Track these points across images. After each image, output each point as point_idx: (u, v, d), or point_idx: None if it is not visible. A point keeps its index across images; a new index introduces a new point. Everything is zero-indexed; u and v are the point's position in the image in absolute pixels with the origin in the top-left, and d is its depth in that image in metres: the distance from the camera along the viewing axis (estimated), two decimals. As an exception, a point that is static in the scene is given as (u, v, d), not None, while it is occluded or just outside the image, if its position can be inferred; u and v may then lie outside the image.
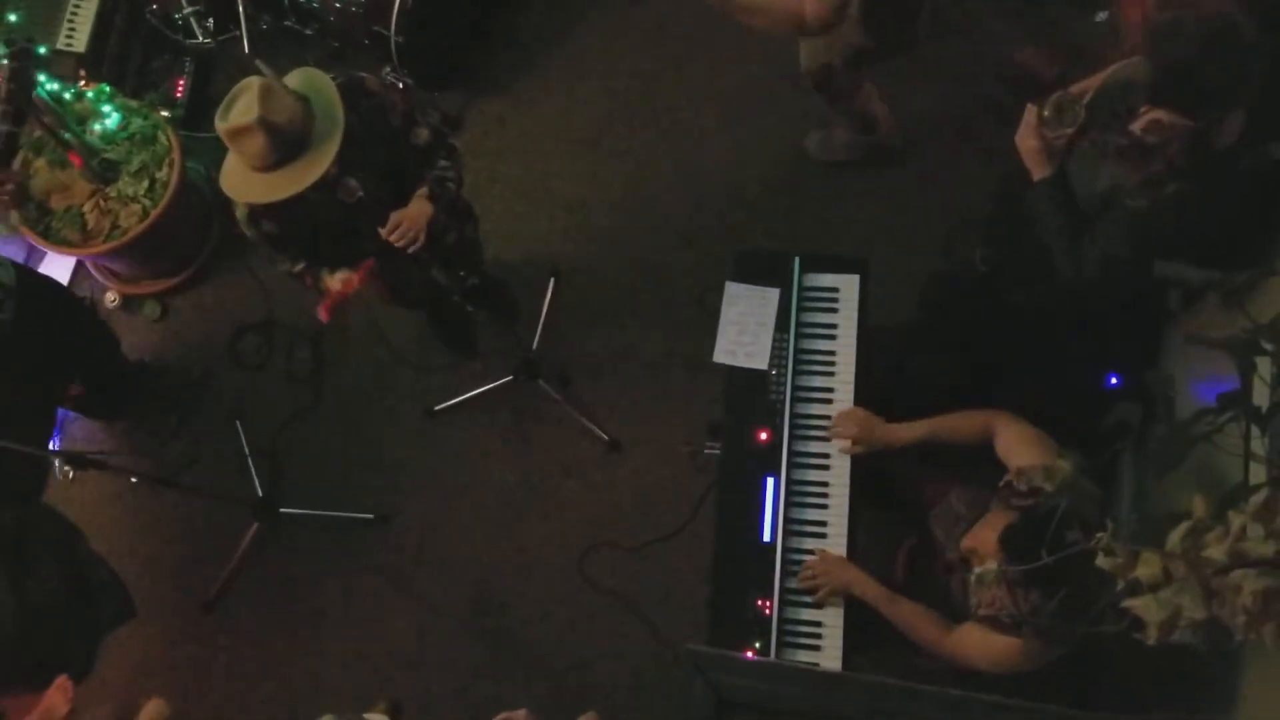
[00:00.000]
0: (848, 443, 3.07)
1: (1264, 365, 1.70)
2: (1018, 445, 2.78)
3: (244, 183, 2.81)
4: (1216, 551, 1.37)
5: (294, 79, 2.88)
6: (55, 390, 4.00)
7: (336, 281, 3.11)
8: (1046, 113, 2.77)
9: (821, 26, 3.25)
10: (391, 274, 3.27)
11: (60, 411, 4.36)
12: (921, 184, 4.25)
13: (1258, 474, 1.77)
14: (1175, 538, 1.42)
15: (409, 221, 3.00)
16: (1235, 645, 1.33)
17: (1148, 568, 1.38)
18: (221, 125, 2.72)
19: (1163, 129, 2.43)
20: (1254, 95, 2.38)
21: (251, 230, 3.04)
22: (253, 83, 2.71)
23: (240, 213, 3.02)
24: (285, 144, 2.72)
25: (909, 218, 4.21)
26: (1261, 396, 1.77)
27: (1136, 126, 2.47)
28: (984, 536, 2.59)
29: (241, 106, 2.69)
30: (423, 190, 3.09)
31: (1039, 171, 2.83)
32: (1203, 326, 1.77)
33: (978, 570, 2.62)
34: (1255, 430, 1.76)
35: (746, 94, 4.49)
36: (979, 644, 2.67)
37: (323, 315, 3.12)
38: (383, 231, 2.98)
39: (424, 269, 3.17)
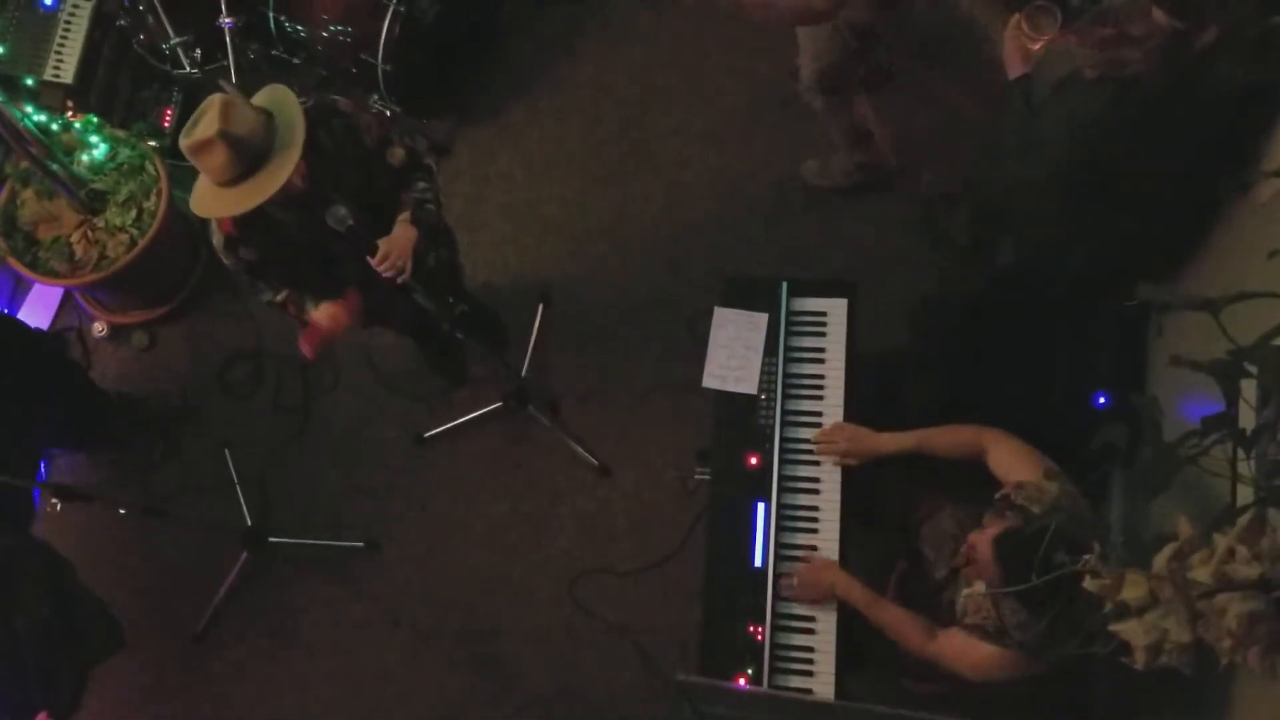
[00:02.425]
0: (836, 455, 3.08)
1: (1248, 387, 1.71)
2: (1014, 461, 2.78)
3: (211, 199, 2.80)
4: (1202, 574, 1.37)
5: (260, 96, 2.89)
6: (35, 425, 3.99)
7: (323, 315, 3.10)
8: (1025, 20, 2.96)
9: (832, 8, 3.27)
10: (373, 299, 3.27)
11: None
12: (909, 208, 4.26)
13: (1245, 496, 1.77)
14: (1161, 560, 1.42)
15: (398, 250, 3.00)
16: (1220, 670, 1.34)
17: (1134, 589, 1.38)
18: (185, 141, 2.73)
19: (1149, 25, 2.49)
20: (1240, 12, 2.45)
21: (230, 259, 3.03)
22: (214, 99, 2.72)
23: (217, 240, 3.00)
24: (247, 156, 2.72)
25: (897, 242, 4.22)
26: (1247, 419, 1.77)
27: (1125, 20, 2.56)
28: (983, 539, 2.60)
29: (204, 123, 2.70)
30: (405, 215, 3.09)
31: (1013, 71, 2.97)
32: (1187, 349, 1.78)
33: (966, 591, 2.62)
34: (1242, 452, 1.76)
35: (733, 121, 4.51)
36: (960, 649, 2.68)
37: (306, 351, 3.11)
38: (372, 261, 2.98)
39: (406, 293, 3.16)
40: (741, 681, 2.90)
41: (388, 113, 4.48)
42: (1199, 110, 2.62)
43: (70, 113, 4.27)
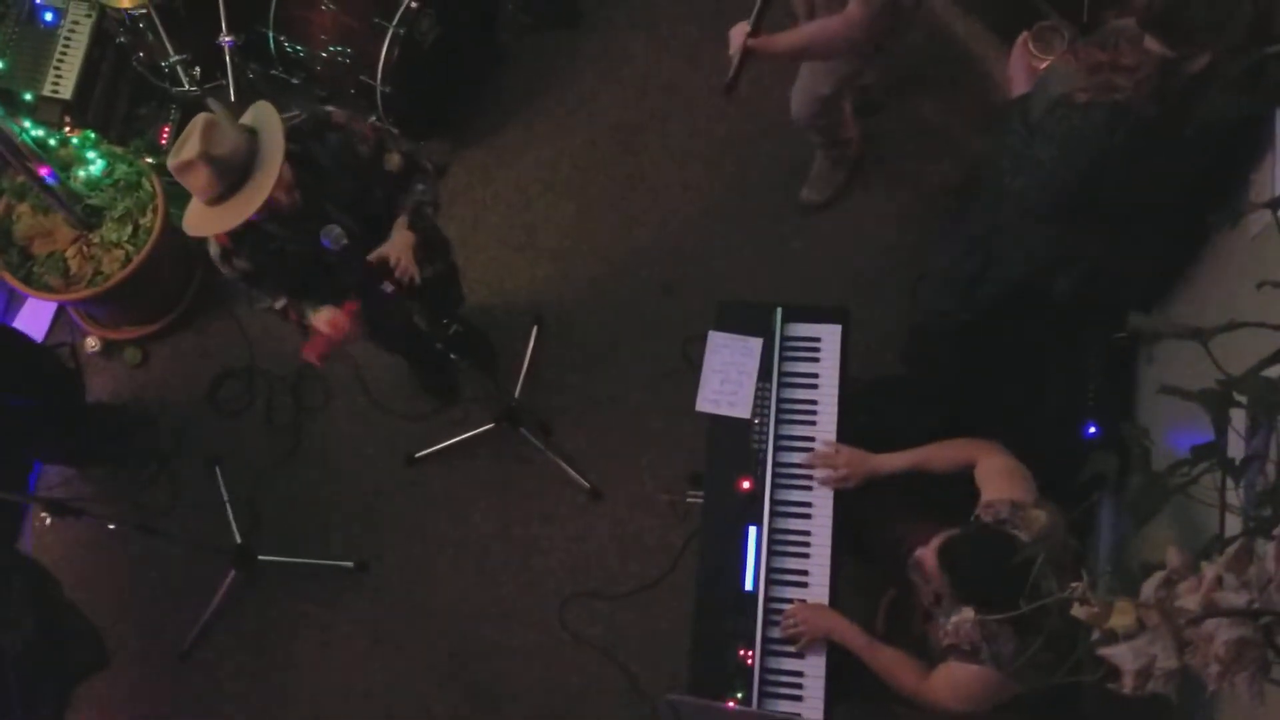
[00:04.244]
0: (834, 477, 3.08)
1: (1237, 417, 1.72)
2: (995, 476, 2.79)
3: (200, 218, 2.85)
4: (1190, 601, 1.37)
5: (247, 115, 2.92)
6: (26, 436, 3.99)
7: (323, 324, 3.11)
8: (1032, 40, 3.05)
9: (874, 33, 3.27)
10: (369, 310, 3.28)
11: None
12: (905, 237, 4.29)
13: (1233, 525, 1.78)
14: (1150, 587, 1.43)
15: (405, 259, 3.03)
16: (1208, 697, 1.34)
17: (1122, 617, 1.38)
18: (171, 162, 2.77)
19: (1141, 54, 2.53)
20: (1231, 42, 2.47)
21: (226, 269, 3.07)
22: (199, 120, 2.75)
23: (214, 251, 3.04)
24: (230, 175, 2.76)
25: (892, 270, 4.24)
26: (1236, 448, 1.78)
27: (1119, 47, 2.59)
28: (927, 550, 2.61)
29: (188, 144, 2.73)
30: (402, 220, 3.12)
31: (1017, 89, 3.02)
32: (1177, 378, 1.79)
33: (955, 618, 2.63)
34: (1230, 481, 1.77)
35: (729, 146, 4.54)
36: (947, 681, 2.68)
37: (312, 359, 3.12)
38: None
39: (402, 305, 3.17)
40: (731, 705, 2.89)
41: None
42: (1190, 139, 2.65)
43: (68, 128, 4.29)
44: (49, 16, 4.38)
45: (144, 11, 4.24)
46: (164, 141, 4.59)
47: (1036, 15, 3.72)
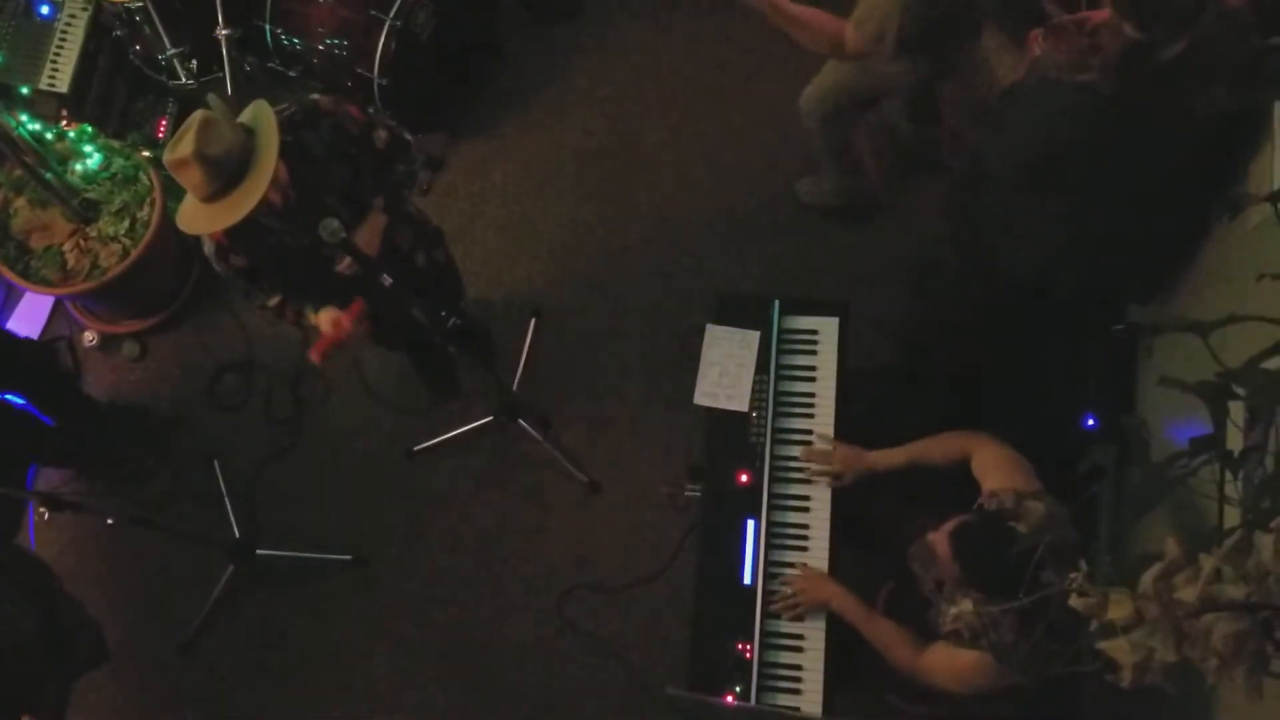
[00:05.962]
0: (829, 474, 3.08)
1: (1236, 410, 1.72)
2: (994, 467, 2.79)
3: (193, 215, 2.84)
4: (1188, 594, 1.37)
5: (246, 113, 2.91)
6: (27, 434, 3.98)
7: (326, 324, 3.11)
8: (1043, 36, 3.01)
9: (856, 55, 3.30)
10: (369, 306, 3.27)
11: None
12: (903, 230, 4.28)
13: (1232, 518, 1.78)
14: (1148, 579, 1.42)
15: (371, 237, 3.05)
16: (1207, 688, 1.34)
17: (1120, 608, 1.38)
18: (166, 158, 2.76)
19: (1113, 32, 2.52)
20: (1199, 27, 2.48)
21: (221, 265, 3.06)
22: (196, 118, 2.74)
23: (209, 248, 3.03)
24: (223, 175, 2.74)
25: (890, 263, 4.22)
26: (1235, 441, 1.78)
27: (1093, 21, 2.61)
28: (939, 535, 2.61)
29: (184, 141, 2.72)
30: (378, 202, 3.13)
31: (1013, 78, 3.00)
32: (1176, 370, 1.79)
33: (955, 609, 2.63)
34: (1229, 474, 1.77)
35: (728, 140, 4.53)
36: (945, 661, 2.68)
37: (315, 359, 3.12)
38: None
39: (401, 299, 3.17)
40: (730, 699, 2.89)
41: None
42: (1184, 130, 2.64)
43: (65, 122, 4.27)
44: (45, 10, 4.37)
45: (140, 5, 4.22)
46: (161, 135, 4.58)
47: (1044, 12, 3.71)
